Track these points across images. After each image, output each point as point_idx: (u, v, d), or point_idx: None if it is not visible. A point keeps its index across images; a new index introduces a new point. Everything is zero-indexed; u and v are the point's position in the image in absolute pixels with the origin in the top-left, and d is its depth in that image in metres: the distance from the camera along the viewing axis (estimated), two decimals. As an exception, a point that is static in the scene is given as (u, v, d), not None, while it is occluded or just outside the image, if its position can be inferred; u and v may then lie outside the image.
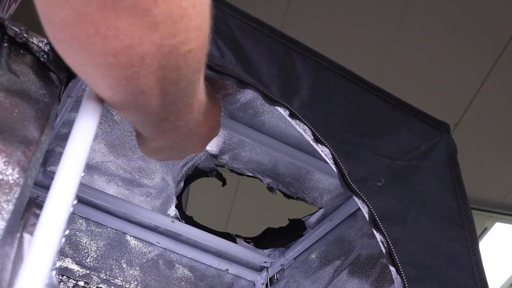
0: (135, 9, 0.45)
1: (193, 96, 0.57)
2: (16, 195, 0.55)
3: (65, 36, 0.48)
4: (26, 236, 0.64)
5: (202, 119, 0.68)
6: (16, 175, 0.55)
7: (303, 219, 1.24)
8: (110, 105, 0.55)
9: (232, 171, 1.16)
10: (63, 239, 0.52)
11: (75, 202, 0.53)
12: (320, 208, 1.20)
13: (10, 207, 0.54)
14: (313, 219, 1.22)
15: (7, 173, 0.55)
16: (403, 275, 0.79)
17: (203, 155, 1.15)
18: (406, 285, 0.78)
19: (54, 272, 0.54)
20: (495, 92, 2.95)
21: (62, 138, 1.08)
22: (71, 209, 0.53)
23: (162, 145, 0.69)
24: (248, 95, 0.99)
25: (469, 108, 3.02)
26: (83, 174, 0.54)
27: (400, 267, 0.79)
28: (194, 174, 1.17)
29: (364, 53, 2.89)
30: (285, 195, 1.19)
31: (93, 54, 0.48)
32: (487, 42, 2.79)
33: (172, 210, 1.21)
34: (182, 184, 1.18)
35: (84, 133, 0.54)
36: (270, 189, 1.18)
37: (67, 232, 0.53)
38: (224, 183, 1.16)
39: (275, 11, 2.74)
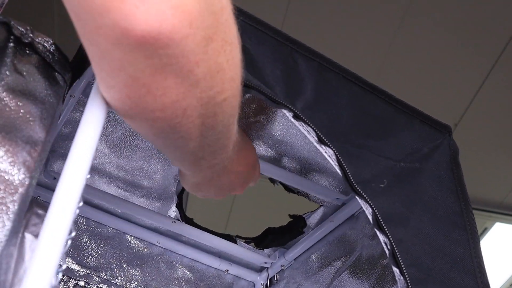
0: (180, 71, 0.52)
1: (229, 138, 0.65)
2: (21, 196, 0.55)
3: (120, 96, 0.55)
4: (28, 236, 0.63)
5: (236, 157, 0.78)
6: (22, 176, 0.56)
7: (303, 216, 1.24)
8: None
9: None
10: (69, 242, 0.52)
11: (81, 204, 0.53)
12: (321, 205, 1.20)
13: (16, 207, 0.54)
14: (313, 219, 1.22)
15: (13, 173, 0.55)
16: (407, 276, 0.79)
17: None
18: (410, 286, 0.78)
19: (60, 274, 0.54)
20: (495, 92, 2.95)
21: (64, 138, 1.08)
22: (77, 211, 0.53)
23: (200, 181, 0.78)
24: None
25: (469, 108, 3.02)
26: (88, 175, 0.54)
27: (403, 268, 0.79)
28: (195, 173, 1.17)
29: (364, 53, 2.89)
30: (286, 188, 1.19)
31: (144, 110, 0.55)
32: (487, 42, 2.79)
33: (173, 211, 1.21)
34: (183, 183, 1.18)
35: (89, 134, 0.54)
36: (272, 180, 1.18)
37: (73, 234, 0.53)
38: None
39: (275, 11, 2.74)
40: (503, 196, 3.39)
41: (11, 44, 0.61)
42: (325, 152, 0.82)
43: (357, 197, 0.83)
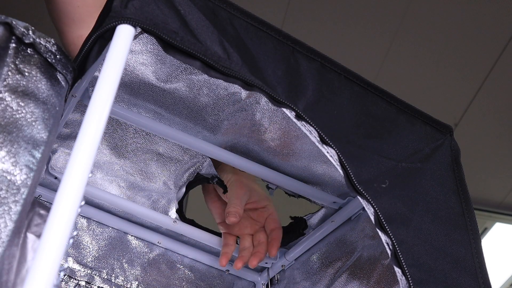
0: None
1: None
2: (23, 196, 0.55)
3: None
4: (30, 236, 0.64)
5: None
6: (24, 176, 0.56)
7: (304, 217, 1.24)
8: None
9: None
10: (71, 241, 0.52)
11: (83, 203, 0.54)
12: (322, 207, 1.20)
13: (18, 207, 0.54)
14: (314, 220, 1.22)
15: (15, 173, 0.55)
16: (409, 276, 0.79)
17: (206, 161, 1.15)
18: (412, 287, 0.78)
19: (62, 273, 0.54)
20: (495, 92, 2.96)
21: (64, 138, 1.08)
22: (79, 210, 0.53)
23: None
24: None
25: (469, 108, 3.03)
26: (90, 175, 0.54)
27: (405, 269, 0.79)
28: (195, 180, 1.17)
29: (364, 53, 2.90)
30: (286, 192, 1.19)
31: None
32: (487, 42, 2.79)
33: (173, 212, 1.21)
34: (183, 190, 1.18)
35: (91, 135, 0.54)
36: (268, 188, 1.18)
37: (75, 233, 0.53)
38: (225, 190, 1.16)
39: (275, 11, 2.74)
40: (503, 196, 3.40)
41: (13, 45, 0.61)
42: (327, 152, 0.82)
43: (359, 197, 0.83)
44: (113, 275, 1.21)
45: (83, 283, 1.18)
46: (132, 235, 1.24)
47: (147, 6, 0.73)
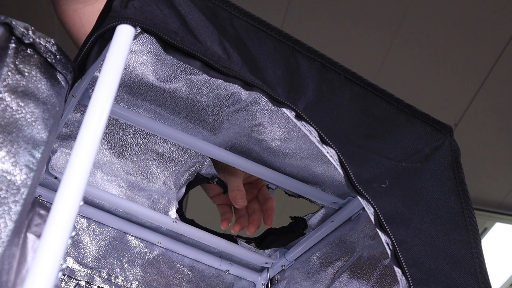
0: None
1: None
2: (23, 196, 0.55)
3: None
4: (30, 236, 0.64)
5: None
6: (24, 176, 0.56)
7: (304, 217, 1.24)
8: None
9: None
10: (70, 241, 0.52)
11: (82, 203, 0.54)
12: (322, 207, 1.20)
13: (18, 208, 0.54)
14: (314, 220, 1.22)
15: (15, 173, 0.55)
16: (409, 276, 0.79)
17: (206, 161, 1.15)
18: (412, 287, 0.78)
19: (61, 274, 0.54)
20: (495, 92, 2.96)
21: (64, 138, 1.08)
22: (77, 210, 0.53)
23: None
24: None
25: (469, 108, 3.02)
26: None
27: (405, 269, 0.79)
28: (196, 180, 1.17)
29: (364, 53, 2.89)
30: (286, 192, 1.19)
31: None
32: (487, 42, 2.79)
33: (173, 212, 1.21)
34: (183, 189, 1.18)
35: (92, 134, 0.54)
36: (268, 188, 1.18)
37: (73, 233, 0.53)
38: (225, 190, 1.16)
39: (275, 11, 2.74)
40: (503, 196, 3.40)
41: (13, 45, 0.61)
42: (327, 152, 0.82)
43: (359, 197, 0.83)
44: (113, 275, 1.21)
45: (83, 283, 1.18)
46: (132, 235, 1.24)
47: (147, 6, 0.73)
